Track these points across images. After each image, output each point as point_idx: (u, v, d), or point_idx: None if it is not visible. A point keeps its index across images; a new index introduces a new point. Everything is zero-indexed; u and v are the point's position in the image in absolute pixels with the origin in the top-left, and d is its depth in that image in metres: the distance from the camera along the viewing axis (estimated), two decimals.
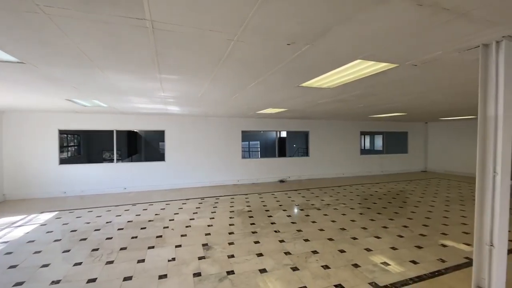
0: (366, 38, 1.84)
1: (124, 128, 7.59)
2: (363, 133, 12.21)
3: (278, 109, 6.24)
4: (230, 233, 4.20)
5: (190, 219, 4.92)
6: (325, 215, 5.19)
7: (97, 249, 3.61)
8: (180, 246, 3.73)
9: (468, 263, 3.14)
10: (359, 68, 2.74)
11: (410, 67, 2.57)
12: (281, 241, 3.89)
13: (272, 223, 4.68)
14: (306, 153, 10.12)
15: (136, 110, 6.25)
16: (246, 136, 16.40)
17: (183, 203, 6.10)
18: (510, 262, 3.14)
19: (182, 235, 4.13)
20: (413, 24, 1.61)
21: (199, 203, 6.10)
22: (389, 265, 3.15)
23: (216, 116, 8.05)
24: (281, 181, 9.21)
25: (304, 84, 3.39)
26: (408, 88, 3.67)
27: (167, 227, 4.52)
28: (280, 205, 5.93)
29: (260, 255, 3.43)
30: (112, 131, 7.46)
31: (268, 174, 9.21)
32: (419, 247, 3.64)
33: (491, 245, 1.90)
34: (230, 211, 5.44)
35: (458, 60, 2.36)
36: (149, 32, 1.74)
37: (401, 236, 4.05)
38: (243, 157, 9.05)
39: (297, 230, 4.32)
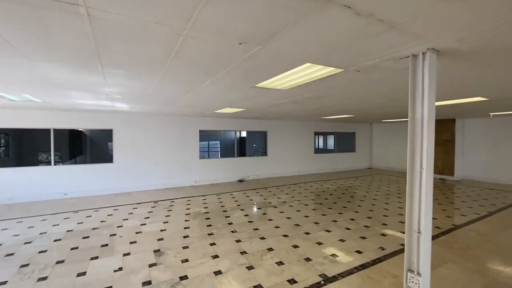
0: (313, 42, 1.92)
1: (63, 127, 6.77)
2: (317, 133, 12.92)
3: (236, 109, 6.23)
4: (185, 237, 4.05)
5: (141, 225, 4.61)
6: (281, 212, 5.35)
7: (27, 265, 3.15)
8: (128, 254, 3.47)
9: (403, 249, 3.53)
10: (310, 71, 2.87)
11: (354, 72, 2.78)
12: (238, 241, 3.89)
13: (229, 224, 4.65)
14: (265, 152, 10.32)
15: (78, 106, 5.63)
16: (206, 135, 16.05)
17: (133, 208, 5.69)
18: (433, 246, 3.63)
19: (131, 242, 3.84)
20: (353, 32, 1.73)
21: (152, 207, 5.76)
22: (338, 256, 3.38)
23: (172, 114, 7.70)
24: (240, 180, 9.23)
25: (259, 85, 3.43)
26: (354, 92, 3.98)
27: (115, 234, 4.16)
28: (238, 205, 5.92)
29: (215, 257, 3.37)
30: (48, 130, 6.60)
31: (227, 174, 9.14)
32: (364, 238, 3.98)
33: (419, 232, 2.17)
34: (186, 214, 5.24)
35: (393, 68, 2.63)
36: (85, 20, 1.57)
37: (349, 229, 4.38)
38: (202, 157, 8.83)
39: (254, 229, 4.36)
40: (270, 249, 3.59)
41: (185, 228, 4.45)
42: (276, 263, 3.20)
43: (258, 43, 1.94)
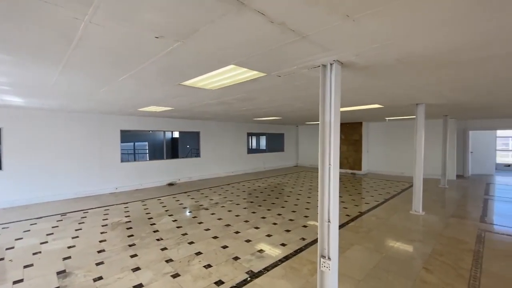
0: (233, 45, 1.95)
1: None
2: (250, 134, 13.33)
3: (163, 108, 5.85)
4: (99, 251, 3.56)
5: (42, 243, 3.84)
6: (213, 214, 5.28)
7: None
8: (21, 281, 2.83)
9: None
10: (235, 73, 2.91)
11: (276, 77, 2.96)
12: (164, 249, 3.64)
13: (155, 232, 4.32)
14: (198, 154, 10.03)
15: None
16: (131, 136, 14.54)
17: (31, 224, 4.69)
18: (343, 232, 4.18)
19: (26, 266, 3.15)
20: (270, 39, 1.84)
21: (58, 221, 4.86)
22: (264, 251, 3.53)
23: (86, 111, 6.69)
24: (170, 184, 8.71)
25: (185, 83, 3.30)
26: (278, 96, 4.25)
27: (2, 259, 3.34)
28: (166, 210, 5.57)
29: (137, 269, 3.07)
30: None
31: (155, 178, 8.50)
32: (288, 231, 4.29)
33: (329, 221, 2.45)
34: (102, 226, 4.62)
35: (309, 76, 2.92)
36: None
37: (275, 224, 4.64)
38: (126, 160, 7.95)
39: (182, 234, 4.17)
40: (199, 253, 3.49)
41: (100, 241, 3.91)
42: (204, 266, 3.13)
43: (177, 39, 1.85)
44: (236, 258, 3.33)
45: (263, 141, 16.05)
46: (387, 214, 5.25)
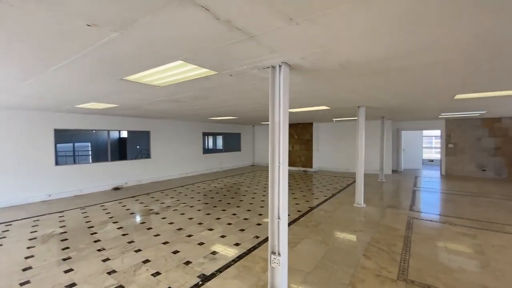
0: (179, 39, 1.87)
1: None
2: (207, 134, 13.03)
3: (106, 105, 5.33)
4: (25, 269, 3.07)
5: None
6: (164, 218, 5.01)
7: None
8: None
9: None
10: (185, 70, 2.79)
11: (227, 76, 2.93)
12: (106, 259, 3.32)
13: (95, 241, 3.91)
14: (148, 154, 9.41)
15: None
16: (69, 136, 12.93)
17: None
18: (295, 228, 4.36)
19: None
20: (217, 36, 1.80)
21: None
22: (218, 253, 3.48)
23: (9, 107, 5.72)
24: (116, 188, 8.00)
25: (129, 78, 3.05)
26: (232, 95, 4.23)
27: None
28: (111, 217, 5.09)
29: (72, 285, 2.74)
30: None
31: (98, 182, 7.71)
32: (242, 230, 4.31)
33: (279, 218, 2.53)
34: (30, 239, 4.01)
35: (260, 76, 2.96)
36: None
37: (230, 224, 4.62)
38: (61, 163, 7.03)
39: (128, 242, 3.86)
40: (146, 261, 3.26)
41: (26, 258, 3.38)
42: (152, 274, 2.94)
43: (113, 29, 1.69)
44: (187, 263, 3.21)
45: (219, 141, 15.86)
46: (333, 208, 5.66)
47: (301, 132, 12.17)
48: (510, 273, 2.91)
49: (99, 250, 3.58)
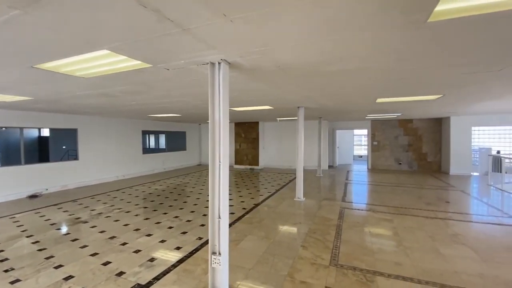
0: (100, 25, 1.66)
1: None
2: (147, 132, 12.13)
3: (17, 97, 4.46)
4: None
5: None
6: (93, 227, 4.46)
7: None
8: None
9: None
10: (114, 61, 2.52)
11: (163, 70, 2.75)
12: (15, 281, 2.78)
13: (1, 261, 3.24)
14: (76, 156, 8.25)
15: None
16: None
17: None
18: (239, 225, 4.39)
19: None
20: (146, 25, 1.66)
21: None
22: (156, 259, 3.26)
23: None
24: (33, 196, 6.79)
25: (43, 67, 2.60)
26: (171, 91, 4.00)
27: None
28: (24, 231, 4.30)
29: None
30: None
31: (8, 190, 6.42)
32: (185, 233, 4.14)
33: (219, 218, 2.50)
34: None
35: (201, 72, 2.86)
36: None
37: (171, 227, 4.38)
38: None
39: (45, 258, 3.31)
40: (69, 277, 2.85)
41: None
42: None
43: (13, 6, 1.40)
44: (120, 274, 2.91)
45: (163, 140, 14.93)
46: (276, 203, 5.90)
47: (248, 131, 12.35)
48: (417, 250, 3.48)
49: (6, 271, 2.98)
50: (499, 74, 3.00)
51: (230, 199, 6.20)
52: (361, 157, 15.95)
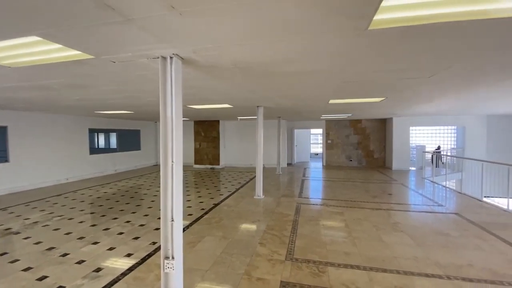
0: (25, 7, 1.44)
1: None
2: (95, 131, 11.09)
3: None
4: None
5: None
6: (27, 238, 3.91)
7: None
8: None
9: None
10: (48, 49, 2.22)
11: (109, 62, 2.52)
12: None
13: None
14: (5, 158, 7.13)
15: None
16: None
17: None
18: (197, 226, 4.27)
19: None
20: (82, 11, 1.49)
21: None
22: (102, 269, 2.98)
23: None
24: None
25: None
26: (120, 86, 3.70)
27: None
28: None
29: None
30: None
31: None
32: (137, 238, 3.87)
33: (172, 220, 2.38)
34: None
35: (152, 67, 2.69)
36: None
37: (122, 233, 4.07)
38: None
39: None
40: None
41: None
42: None
43: None
44: None
45: (114, 139, 13.76)
46: (236, 202, 5.90)
47: (208, 130, 12.09)
48: (364, 239, 3.79)
49: None
50: (429, 80, 3.42)
51: (188, 200, 6.05)
52: (317, 154, 16.84)
